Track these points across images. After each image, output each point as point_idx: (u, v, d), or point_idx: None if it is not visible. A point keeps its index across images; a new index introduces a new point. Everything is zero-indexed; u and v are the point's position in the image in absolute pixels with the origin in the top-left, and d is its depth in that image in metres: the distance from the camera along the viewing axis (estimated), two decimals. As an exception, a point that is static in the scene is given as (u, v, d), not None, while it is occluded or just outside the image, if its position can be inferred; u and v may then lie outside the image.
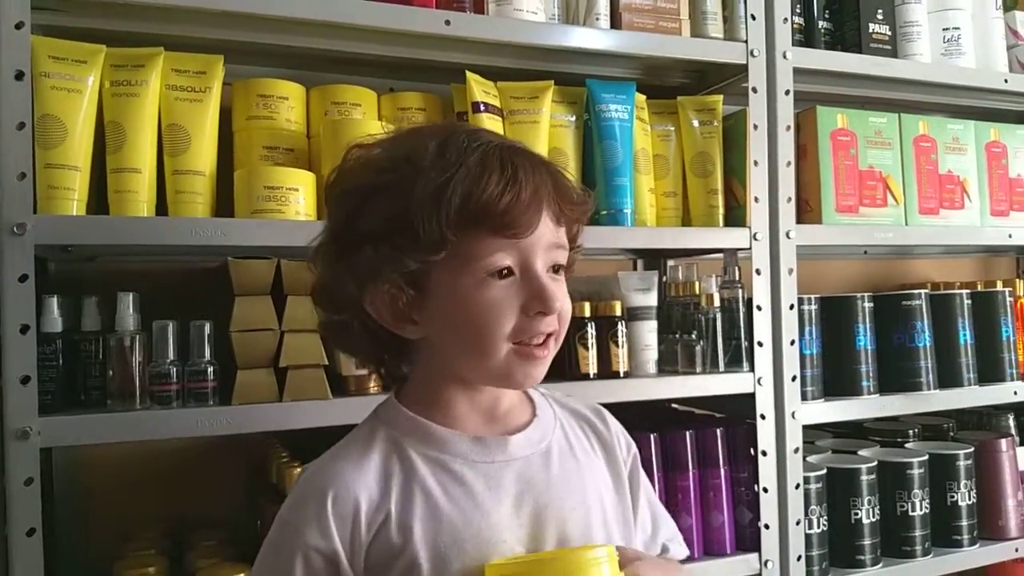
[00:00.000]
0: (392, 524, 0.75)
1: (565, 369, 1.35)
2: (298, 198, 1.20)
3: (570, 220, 0.80)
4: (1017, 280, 1.85)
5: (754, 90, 1.46)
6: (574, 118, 1.44)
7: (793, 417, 1.46)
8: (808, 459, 1.54)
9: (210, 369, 1.15)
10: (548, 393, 0.91)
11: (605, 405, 1.33)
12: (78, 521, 1.33)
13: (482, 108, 1.34)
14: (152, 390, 1.12)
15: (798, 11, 1.58)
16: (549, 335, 0.78)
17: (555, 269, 0.79)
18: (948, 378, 1.64)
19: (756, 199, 1.45)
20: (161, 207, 1.19)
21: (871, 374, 1.57)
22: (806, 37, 1.58)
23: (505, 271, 0.75)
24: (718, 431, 1.45)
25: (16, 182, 1.04)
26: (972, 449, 1.64)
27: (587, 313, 1.36)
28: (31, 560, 1.02)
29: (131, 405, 1.12)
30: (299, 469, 1.17)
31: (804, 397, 1.49)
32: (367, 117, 1.34)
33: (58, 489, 1.31)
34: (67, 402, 1.13)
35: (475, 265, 0.75)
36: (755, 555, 1.43)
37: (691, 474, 1.41)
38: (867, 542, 1.51)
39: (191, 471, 1.40)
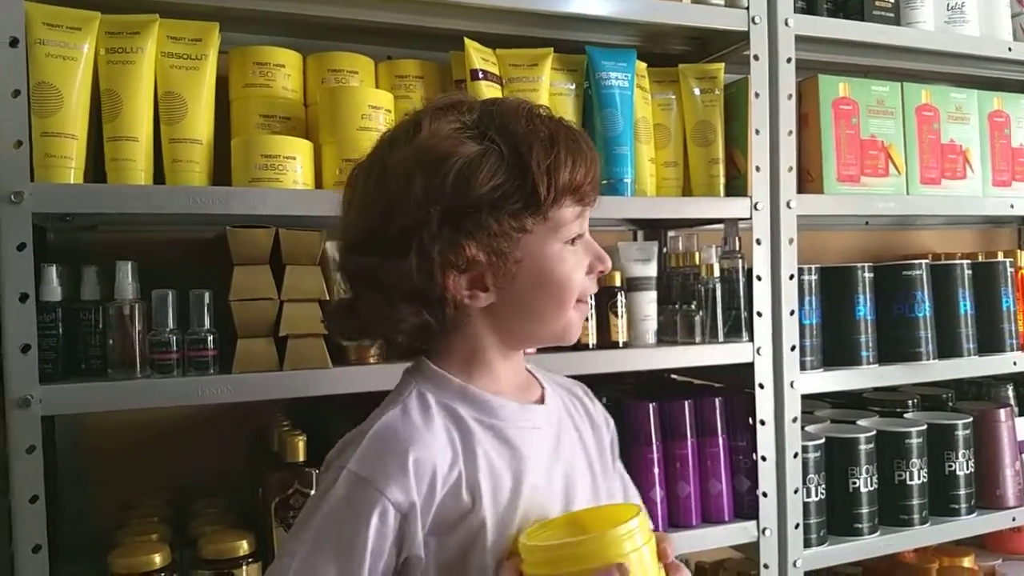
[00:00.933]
0: (463, 484, 0.78)
1: (565, 339, 1.35)
2: (295, 166, 1.19)
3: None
4: (1018, 251, 1.85)
5: (756, 58, 1.45)
6: (574, 86, 1.43)
7: (792, 387, 1.46)
8: (807, 428, 1.55)
9: (210, 338, 1.15)
10: (540, 371, 0.95)
11: (604, 375, 1.36)
12: (80, 489, 1.34)
13: (481, 76, 1.33)
14: (152, 358, 1.13)
15: (801, -23, 1.56)
16: None
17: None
18: (948, 348, 1.64)
19: (757, 168, 1.45)
20: (159, 176, 1.18)
21: (871, 344, 1.57)
22: (808, 4, 1.56)
23: (576, 237, 0.84)
24: (716, 400, 1.45)
25: (12, 150, 1.03)
26: (971, 419, 1.64)
27: (587, 283, 1.36)
28: (34, 527, 1.02)
29: (131, 374, 1.12)
30: (300, 437, 1.18)
31: (803, 367, 1.49)
32: (364, 85, 1.32)
33: (60, 458, 1.32)
34: (68, 371, 1.13)
35: (562, 231, 0.82)
36: (753, 523, 1.44)
37: (689, 443, 1.42)
38: (865, 511, 1.53)
39: (193, 439, 1.40)
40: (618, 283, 1.38)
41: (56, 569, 1.07)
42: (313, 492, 0.86)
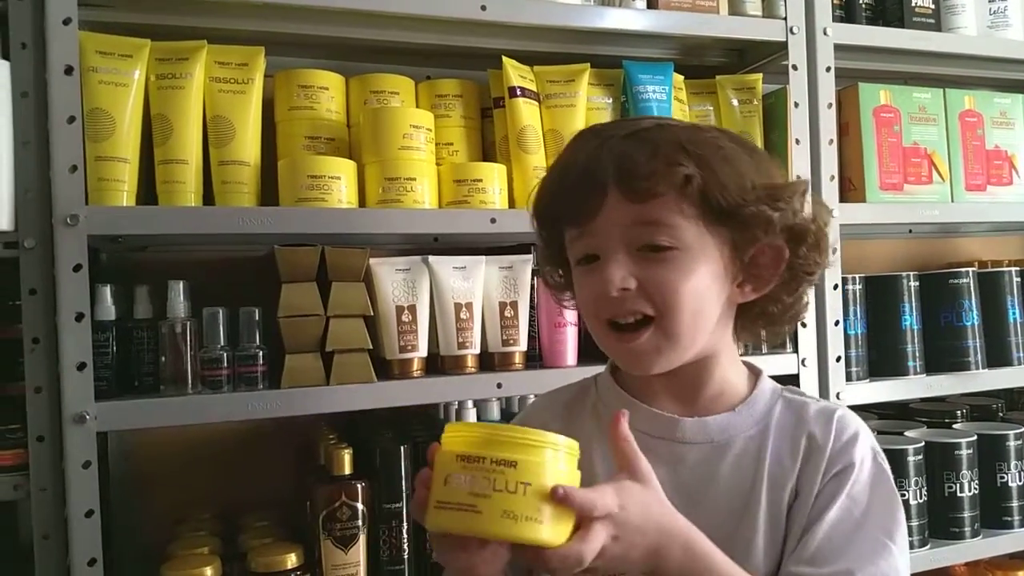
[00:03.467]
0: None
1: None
2: (340, 186, 1.21)
3: (651, 194, 0.74)
4: (1068, 257, 1.81)
5: (794, 68, 1.44)
6: (611, 100, 1.43)
7: (838, 398, 1.44)
8: (853, 440, 1.52)
9: (260, 354, 1.17)
10: (789, 395, 0.84)
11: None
12: (132, 504, 1.37)
13: (519, 93, 1.34)
14: (203, 375, 1.15)
15: (838, -14, 1.55)
16: (647, 324, 0.75)
17: (652, 247, 0.75)
18: (997, 357, 1.61)
19: (798, 178, 1.43)
20: (208, 197, 1.21)
21: (917, 354, 1.54)
22: (847, 12, 1.56)
23: (589, 257, 0.78)
24: (761, 413, 1.43)
25: (68, 175, 1.07)
26: (1022, 429, 1.60)
27: (627, 295, 1.36)
28: (89, 540, 1.05)
29: (183, 390, 1.15)
30: (347, 450, 1.19)
31: (849, 378, 1.47)
32: (405, 105, 1.35)
33: (112, 473, 1.35)
34: (121, 388, 1.16)
35: (569, 254, 0.82)
36: (800, 537, 1.42)
37: (734, 456, 1.41)
38: (915, 523, 1.49)
39: (242, 454, 1.43)
40: (659, 295, 1.38)
41: (111, 582, 1.09)
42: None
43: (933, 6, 1.60)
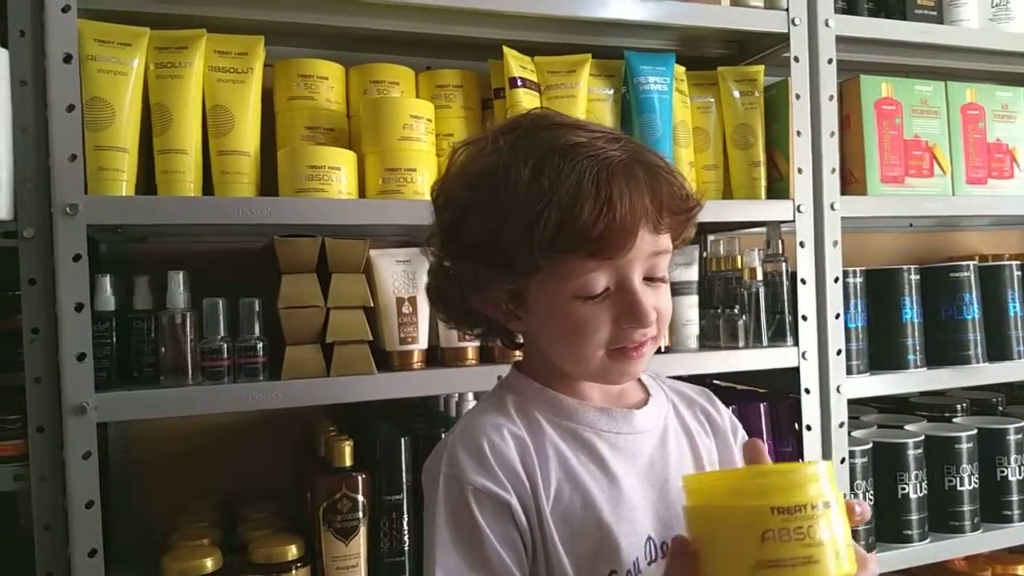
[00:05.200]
0: (538, 480, 0.77)
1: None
2: (340, 176, 1.21)
3: (671, 227, 0.78)
4: (1069, 251, 1.81)
5: (796, 59, 1.43)
6: (612, 91, 1.43)
7: (838, 391, 1.44)
8: (853, 434, 1.53)
9: (260, 345, 1.17)
10: (656, 376, 0.93)
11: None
12: (133, 495, 1.37)
13: (519, 83, 1.34)
14: (204, 366, 1.15)
15: (840, -22, 1.55)
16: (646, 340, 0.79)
17: (661, 277, 0.79)
18: (998, 351, 1.61)
19: (799, 171, 1.43)
20: (207, 187, 1.20)
21: (918, 347, 1.54)
22: (849, 4, 1.55)
23: (601, 293, 0.76)
24: (761, 406, 1.44)
25: (67, 164, 1.06)
26: (1023, 423, 1.60)
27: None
28: (90, 531, 1.05)
29: (183, 381, 1.14)
30: (347, 442, 1.19)
31: (849, 371, 1.47)
32: (405, 95, 1.34)
33: (112, 464, 1.35)
34: (121, 379, 1.16)
35: (571, 284, 0.75)
36: (800, 529, 1.42)
37: (735, 448, 1.41)
38: (914, 517, 1.50)
39: (242, 445, 1.42)
40: (660, 288, 1.37)
41: (111, 573, 1.09)
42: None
43: (935, -2, 1.59)
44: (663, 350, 1.37)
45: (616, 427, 0.83)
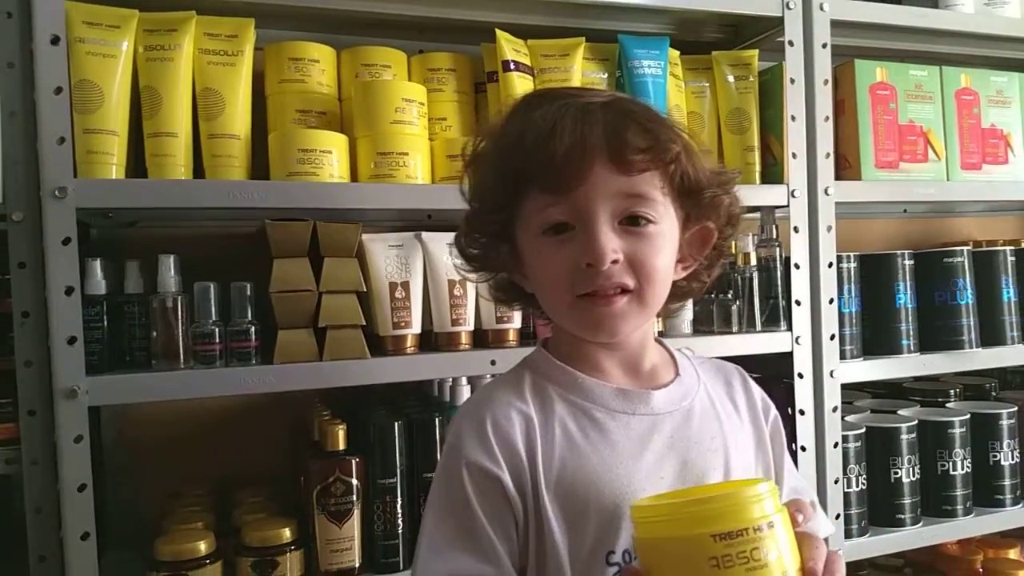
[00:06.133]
0: (538, 458, 0.77)
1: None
2: (331, 160, 1.20)
3: (640, 167, 0.75)
4: (1063, 236, 1.81)
5: (790, 44, 1.43)
6: (606, 75, 1.42)
7: (832, 376, 1.44)
8: (847, 418, 1.53)
9: (252, 329, 1.16)
10: (691, 354, 0.92)
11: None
12: (126, 479, 1.37)
13: (512, 67, 1.33)
14: (196, 350, 1.14)
15: (835, -39, 1.54)
16: (624, 290, 0.77)
17: (632, 220, 0.76)
18: (991, 336, 1.61)
19: (794, 155, 1.43)
20: (198, 171, 1.20)
21: (911, 332, 1.54)
22: (843, -12, 1.54)
23: (559, 226, 0.76)
24: (755, 390, 1.44)
25: (56, 147, 1.05)
26: (1015, 408, 1.61)
27: (622, 272, 1.35)
28: (82, 514, 1.04)
29: (175, 365, 1.14)
30: (340, 426, 1.19)
31: (843, 356, 1.47)
32: (397, 78, 1.33)
33: (106, 448, 1.35)
34: (113, 363, 1.16)
35: (532, 221, 0.77)
36: (793, 513, 1.42)
37: (728, 433, 1.41)
38: (907, 501, 1.50)
39: (235, 429, 1.42)
40: (653, 272, 1.37)
41: (104, 556, 1.09)
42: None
43: (930, -18, 1.59)
44: (656, 335, 1.36)
45: (631, 407, 0.81)
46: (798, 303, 1.44)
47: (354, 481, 1.19)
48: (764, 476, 0.87)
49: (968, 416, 1.57)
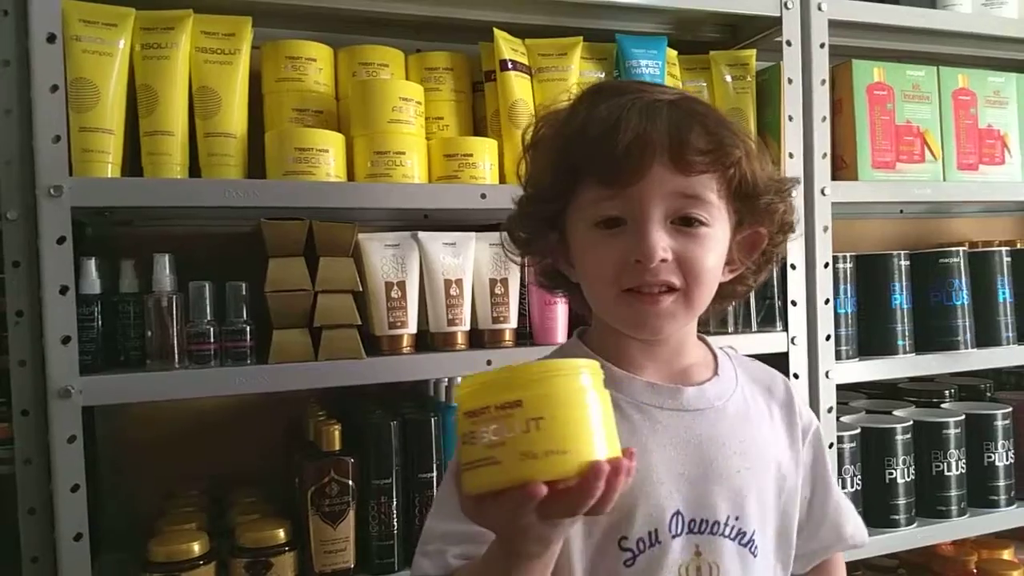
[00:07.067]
0: None
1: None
2: (328, 159, 1.20)
3: (700, 169, 0.75)
4: (1059, 238, 1.81)
5: (788, 43, 1.43)
6: (603, 75, 1.42)
7: (827, 376, 1.44)
8: (842, 419, 1.53)
9: (247, 329, 1.16)
10: (735, 355, 0.91)
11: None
12: (120, 479, 1.36)
13: (510, 66, 1.33)
14: (190, 350, 1.14)
15: (833, -38, 1.53)
16: (670, 288, 0.76)
17: (685, 221, 0.76)
18: (986, 337, 1.61)
19: (791, 155, 1.43)
20: (194, 170, 1.19)
21: (907, 333, 1.54)
22: (841, -12, 1.54)
23: (612, 220, 0.76)
24: (751, 391, 1.44)
25: (51, 145, 1.05)
26: (1010, 409, 1.61)
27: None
28: (75, 515, 1.04)
29: (170, 365, 1.13)
30: (335, 426, 1.19)
31: (838, 356, 1.47)
32: (395, 77, 1.33)
33: (100, 448, 1.34)
34: (107, 362, 1.15)
35: (585, 213, 0.78)
36: (788, 514, 1.42)
37: (724, 433, 1.41)
38: (902, 502, 1.50)
39: (230, 429, 1.42)
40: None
41: (97, 557, 1.09)
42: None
43: (928, -17, 1.59)
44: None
45: (660, 401, 0.81)
46: (794, 303, 1.44)
47: (349, 482, 1.18)
48: (802, 493, 0.88)
49: (963, 417, 1.57)
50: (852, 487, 1.47)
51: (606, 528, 0.77)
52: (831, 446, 1.44)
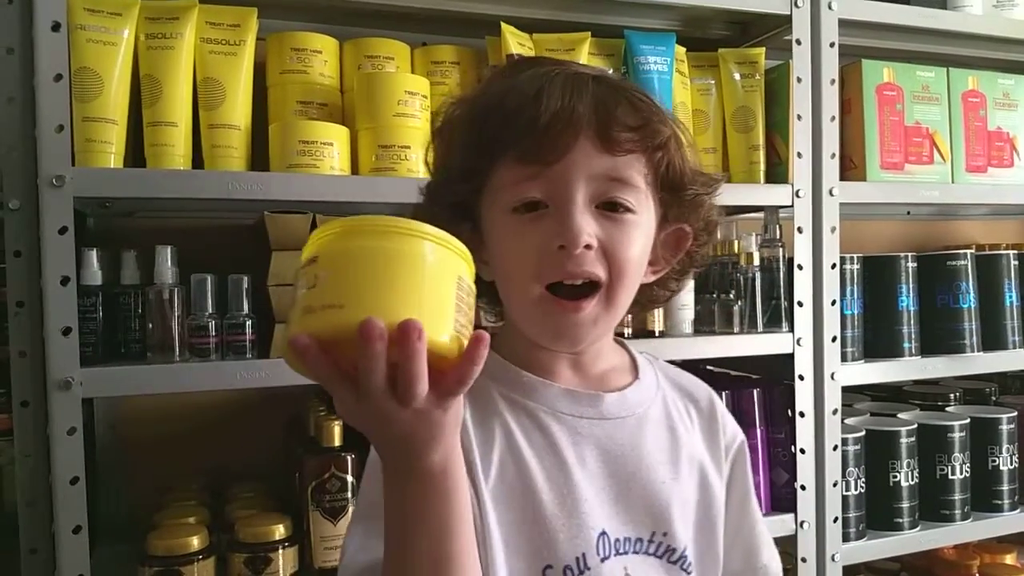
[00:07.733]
0: (475, 461, 0.71)
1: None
2: (333, 152, 1.19)
3: (627, 147, 0.70)
4: (1067, 241, 1.80)
5: (798, 42, 1.42)
6: (611, 71, 1.40)
7: (832, 378, 1.43)
8: (846, 421, 1.52)
9: (248, 322, 1.15)
10: (654, 359, 0.86)
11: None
12: (119, 472, 1.36)
13: (518, 61, 1.32)
14: (191, 343, 1.13)
15: (844, -40, 1.52)
16: (593, 291, 0.70)
17: (610, 206, 0.70)
18: (992, 340, 1.60)
19: (799, 155, 1.42)
20: (197, 161, 1.18)
21: (913, 335, 1.53)
22: (852, -13, 1.53)
23: (532, 203, 0.70)
24: (755, 392, 1.43)
25: (54, 135, 1.04)
26: (1015, 413, 1.60)
27: (623, 271, 1.34)
28: (74, 508, 1.03)
29: (170, 357, 1.13)
30: (336, 422, 1.18)
31: (844, 358, 1.46)
32: (400, 71, 1.32)
33: (99, 441, 1.34)
34: (108, 354, 1.15)
35: (502, 196, 0.71)
36: (791, 516, 1.41)
37: (727, 434, 1.40)
38: (905, 505, 1.50)
39: (230, 424, 1.41)
40: (655, 271, 1.36)
41: (96, 550, 1.08)
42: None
43: (939, -17, 1.58)
44: (657, 334, 1.36)
45: (579, 410, 0.75)
46: (800, 304, 1.43)
47: (349, 478, 1.18)
48: (716, 502, 0.81)
49: (968, 420, 1.56)
50: (856, 490, 1.47)
51: (528, 555, 0.70)
52: (835, 448, 1.43)
